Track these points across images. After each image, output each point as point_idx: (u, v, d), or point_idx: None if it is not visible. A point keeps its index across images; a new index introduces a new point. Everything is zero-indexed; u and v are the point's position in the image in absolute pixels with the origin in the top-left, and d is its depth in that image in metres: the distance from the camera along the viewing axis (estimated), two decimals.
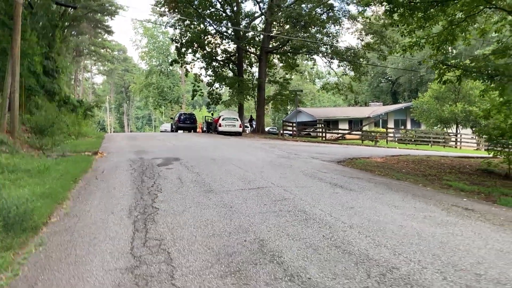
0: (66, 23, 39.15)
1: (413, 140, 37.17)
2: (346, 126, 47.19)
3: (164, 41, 71.22)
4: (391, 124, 48.23)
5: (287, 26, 31.88)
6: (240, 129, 30.20)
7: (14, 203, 5.22)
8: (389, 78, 71.09)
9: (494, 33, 16.60)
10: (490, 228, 5.56)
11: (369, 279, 3.66)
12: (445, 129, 39.32)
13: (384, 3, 13.99)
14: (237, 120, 30.49)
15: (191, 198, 7.02)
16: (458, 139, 37.88)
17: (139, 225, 5.44)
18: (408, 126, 48.55)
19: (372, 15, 32.23)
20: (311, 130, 41.83)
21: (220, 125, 30.07)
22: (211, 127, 34.92)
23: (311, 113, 49.26)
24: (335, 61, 35.21)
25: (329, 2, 33.09)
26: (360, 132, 37.69)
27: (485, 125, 17.18)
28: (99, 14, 47.63)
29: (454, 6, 14.81)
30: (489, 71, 12.34)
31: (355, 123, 47.62)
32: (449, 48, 17.64)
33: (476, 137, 33.30)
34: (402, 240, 4.77)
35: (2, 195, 5.45)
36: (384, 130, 38.35)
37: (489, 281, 3.65)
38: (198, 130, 39.16)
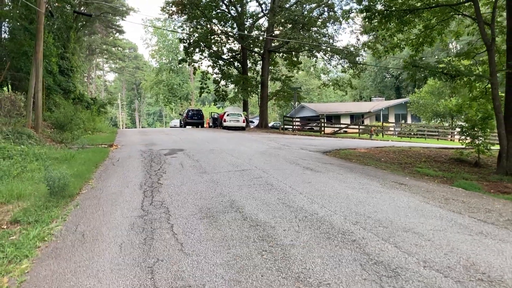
0: (79, 24, 41.29)
1: (412, 133, 38.78)
2: (348, 120, 48.80)
3: (173, 40, 73.26)
4: (392, 119, 49.82)
5: (289, 26, 33.54)
6: (244, 124, 32.11)
7: (57, 177, 7.23)
8: (393, 73, 72.45)
9: (467, 35, 18.34)
10: (405, 195, 7.46)
11: (295, 218, 5.61)
12: (442, 123, 40.83)
13: (363, 12, 15.75)
14: (241, 116, 32.39)
15: (188, 177, 9.00)
16: (454, 133, 39.40)
17: (147, 193, 7.43)
18: (409, 120, 50.09)
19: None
20: (314, 124, 43.53)
21: (225, 121, 32.07)
22: (217, 123, 36.99)
23: (314, 108, 50.96)
24: (335, 59, 36.77)
25: (329, 2, 34.68)
26: (357, 126, 39.35)
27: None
28: (110, 15, 49.76)
29: (427, 12, 16.58)
30: (451, 72, 14.07)
31: (356, 118, 49.19)
32: (429, 49, 19.32)
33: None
34: (332, 200, 6.71)
35: (50, 171, 7.45)
36: (381, 124, 39.98)
37: (374, 220, 5.57)
38: (205, 125, 41.14)
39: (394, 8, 15.85)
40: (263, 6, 38.01)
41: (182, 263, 4.14)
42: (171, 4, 37.52)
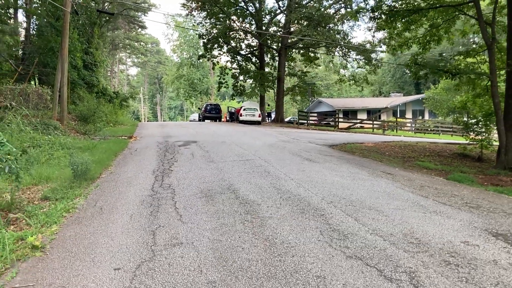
0: (103, 20, 42.72)
1: (429, 129, 39.14)
2: (365, 116, 49.20)
3: (194, 35, 74.49)
4: (409, 115, 50.10)
5: (305, 23, 34.26)
6: (259, 119, 33.07)
7: (80, 162, 8.34)
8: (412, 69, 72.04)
9: (472, 34, 18.91)
10: (386, 182, 8.35)
11: (280, 198, 6.58)
12: (458, 119, 40.90)
13: (369, 12, 16.52)
14: (257, 110, 33.36)
15: (196, 165, 10.03)
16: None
17: (158, 178, 8.48)
18: (426, 116, 50.29)
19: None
20: (331, 119, 44.08)
21: (241, 115, 33.11)
22: (234, 117, 38.08)
23: (331, 103, 51.53)
24: (351, 55, 37.39)
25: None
26: (371, 122, 39.92)
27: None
28: (133, 11, 51.21)
29: (433, 11, 17.21)
30: (452, 70, 14.75)
31: (373, 113, 49.58)
32: (436, 47, 19.92)
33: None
34: (317, 185, 7.65)
35: (74, 157, 8.57)
36: (395, 119, 40.45)
37: (347, 201, 6.49)
38: (223, 119, 42.26)
39: (399, 8, 16.55)
40: (280, 3, 38.81)
41: (179, 228, 5.15)
42: (191, 1, 38.65)
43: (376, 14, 16.39)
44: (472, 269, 3.89)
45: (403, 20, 16.94)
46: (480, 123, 17.42)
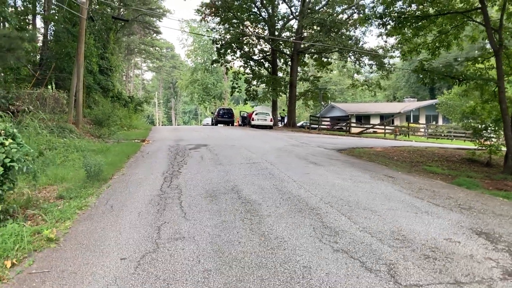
0: (119, 26, 43.57)
1: (442, 135, 39.09)
2: (377, 121, 49.19)
3: (208, 40, 75.24)
4: (422, 120, 49.96)
5: (318, 28, 34.55)
6: (271, 123, 33.45)
7: (93, 164, 8.79)
8: None
9: (481, 39, 19.04)
10: (386, 185, 8.63)
11: (280, 199, 6.94)
12: (467, 124, 40.78)
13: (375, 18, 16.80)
14: (268, 115, 33.75)
15: (204, 167, 10.43)
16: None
17: (167, 179, 8.89)
18: (440, 121, 50.08)
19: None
20: (344, 124, 44.13)
21: (252, 119, 33.55)
22: (246, 121, 38.52)
23: (344, 108, 51.65)
24: (363, 60, 37.53)
25: (360, 2, 35.49)
26: (383, 127, 39.99)
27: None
28: (148, 17, 52.03)
29: (441, 18, 17.42)
30: (458, 76, 14.95)
31: (386, 118, 49.56)
32: (445, 52, 20.06)
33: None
34: (318, 187, 7.98)
35: (88, 159, 9.03)
36: (407, 124, 40.47)
37: (344, 201, 6.82)
38: (235, 124, 42.70)
39: (407, 15, 16.79)
40: (293, 8, 39.21)
41: (182, 225, 5.53)
42: (204, 7, 39.27)
43: (384, 20, 16.66)
44: (448, 262, 4.21)
45: (411, 26, 17.17)
46: (489, 128, 17.54)
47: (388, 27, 17.17)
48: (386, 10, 16.45)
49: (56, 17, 28.03)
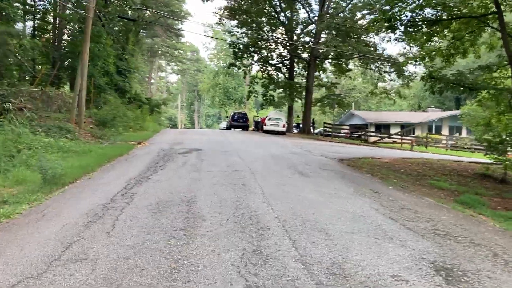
0: (139, 27, 43.42)
1: (465, 147, 37.59)
2: (397, 130, 47.76)
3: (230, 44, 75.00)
4: (445, 131, 48.31)
5: (334, 33, 33.60)
6: (284, 129, 32.55)
7: (50, 167, 8.21)
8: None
9: (500, 47, 17.84)
10: (364, 201, 7.74)
11: (232, 215, 6.18)
12: (481, 137, 39.12)
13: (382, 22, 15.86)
14: (281, 121, 32.89)
15: (179, 174, 9.74)
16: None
17: (129, 186, 8.22)
18: (464, 133, 48.29)
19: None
20: (362, 133, 42.98)
21: (265, 124, 32.75)
22: (259, 126, 37.77)
23: (364, 116, 50.45)
24: (383, 67, 36.39)
25: (382, 8, 34.31)
26: (399, 136, 38.70)
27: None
28: (168, 19, 51.93)
29: (456, 23, 16.37)
30: (468, 85, 13.90)
31: (406, 128, 48.14)
32: (461, 60, 18.96)
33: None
34: (284, 201, 7.17)
35: (42, 161, 8.44)
36: (425, 135, 39.11)
37: (303, 220, 6.00)
38: (250, 128, 42.01)
39: (417, 19, 15.82)
40: (310, 14, 38.34)
41: (98, 243, 4.82)
42: (223, 10, 38.88)
43: (390, 24, 15.70)
44: None
45: (424, 31, 16.20)
46: (506, 141, 16.37)
47: (397, 31, 16.21)
48: (392, 14, 15.51)
49: (71, 17, 27.96)
